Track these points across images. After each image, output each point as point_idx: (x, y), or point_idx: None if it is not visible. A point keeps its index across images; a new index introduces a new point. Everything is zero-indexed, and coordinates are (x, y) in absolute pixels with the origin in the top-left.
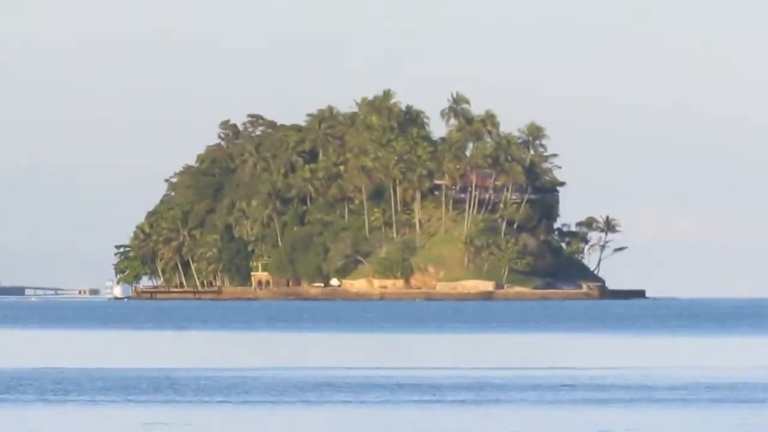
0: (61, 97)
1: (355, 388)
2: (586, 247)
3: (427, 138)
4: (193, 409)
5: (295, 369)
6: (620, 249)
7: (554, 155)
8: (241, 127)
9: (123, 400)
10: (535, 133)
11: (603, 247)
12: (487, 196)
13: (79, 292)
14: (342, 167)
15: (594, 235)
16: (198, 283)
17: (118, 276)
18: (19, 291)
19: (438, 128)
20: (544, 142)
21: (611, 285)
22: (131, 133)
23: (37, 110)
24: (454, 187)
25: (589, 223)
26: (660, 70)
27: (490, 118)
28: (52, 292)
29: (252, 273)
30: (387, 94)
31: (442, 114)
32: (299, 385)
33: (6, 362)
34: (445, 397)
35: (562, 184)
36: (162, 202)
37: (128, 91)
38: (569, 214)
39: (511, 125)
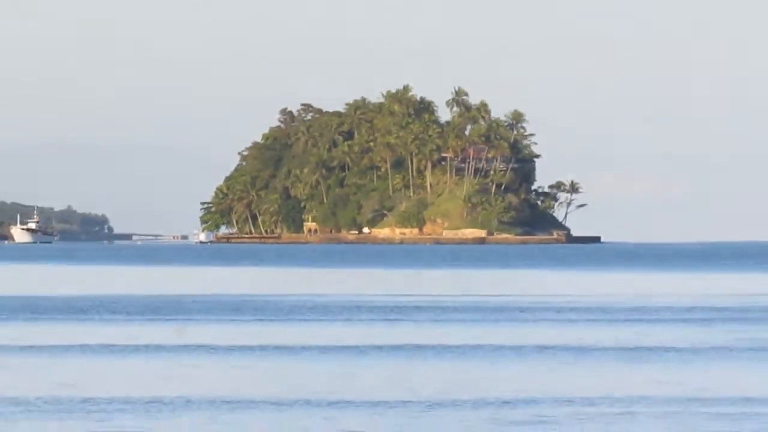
0: (167, 87)
1: (381, 310)
2: (556, 204)
3: (436, 122)
4: (264, 324)
5: (335, 296)
6: (582, 205)
7: (531, 134)
8: (295, 113)
9: (208, 319)
10: (517, 117)
11: (569, 204)
12: (481, 165)
13: (173, 238)
14: (372, 143)
15: (562, 195)
16: (263, 231)
17: (203, 225)
18: (128, 237)
19: (444, 114)
20: (524, 124)
21: (575, 233)
22: (214, 118)
23: (147, 93)
24: (456, 159)
25: (558, 185)
26: (616, 65)
27: (483, 107)
28: (153, 237)
29: (304, 223)
30: (406, 88)
31: (447, 103)
32: (339, 307)
33: (119, 291)
34: (450, 316)
35: (537, 156)
36: (236, 169)
37: (211, 84)
38: (543, 178)
39: (499, 112)
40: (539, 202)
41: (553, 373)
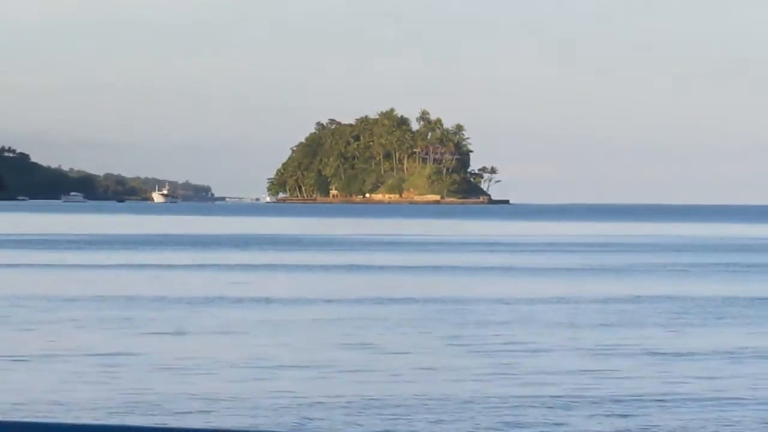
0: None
1: (380, 244)
2: (482, 180)
3: (409, 130)
4: (309, 252)
5: (344, 235)
6: (498, 181)
7: (468, 138)
8: (325, 124)
9: (275, 249)
10: (459, 128)
11: (490, 180)
12: (437, 156)
13: (250, 199)
14: (371, 143)
15: (486, 175)
16: (305, 196)
17: (269, 192)
18: (222, 199)
19: (415, 126)
20: (463, 132)
21: (494, 198)
22: (276, 125)
23: (232, 106)
24: (422, 153)
25: (484, 169)
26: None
27: (438, 122)
28: (238, 199)
29: (330, 191)
30: (392, 110)
31: (417, 120)
32: (355, 242)
33: (219, 231)
34: (421, 249)
35: (471, 151)
36: (289, 158)
37: (274, 102)
38: (475, 164)
39: (448, 124)
40: (472, 179)
41: (488, 283)
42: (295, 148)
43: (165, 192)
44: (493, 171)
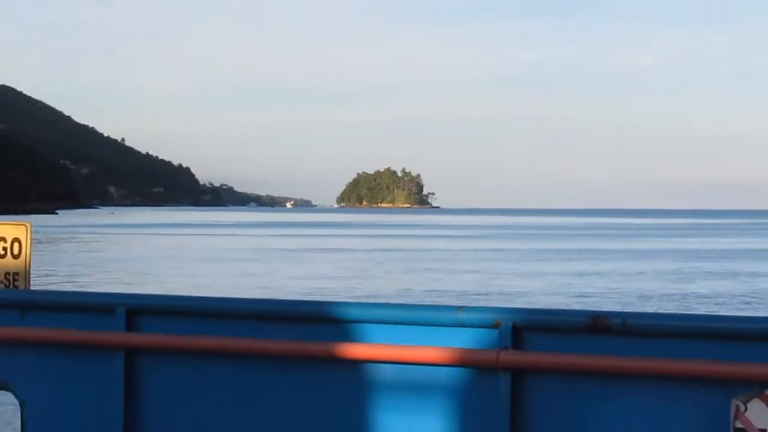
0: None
1: (381, 226)
2: (429, 198)
3: (397, 176)
4: (356, 229)
5: (366, 221)
6: (435, 198)
7: (423, 178)
8: (360, 173)
9: (336, 227)
10: (418, 175)
11: (432, 198)
12: (409, 187)
13: (329, 206)
14: (381, 182)
15: (429, 195)
16: (352, 204)
17: (337, 202)
18: (314, 205)
19: (399, 174)
20: (420, 176)
21: (433, 205)
22: (341, 173)
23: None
24: (402, 185)
25: (429, 193)
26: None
27: (409, 173)
28: (322, 205)
29: (363, 202)
30: (389, 168)
31: (400, 172)
32: (368, 224)
33: (318, 220)
34: (400, 228)
35: (424, 184)
36: (345, 188)
37: (338, 156)
38: (426, 190)
39: (414, 173)
40: (424, 197)
41: (426, 242)
42: (347, 184)
43: (292, 203)
44: (432, 193)
